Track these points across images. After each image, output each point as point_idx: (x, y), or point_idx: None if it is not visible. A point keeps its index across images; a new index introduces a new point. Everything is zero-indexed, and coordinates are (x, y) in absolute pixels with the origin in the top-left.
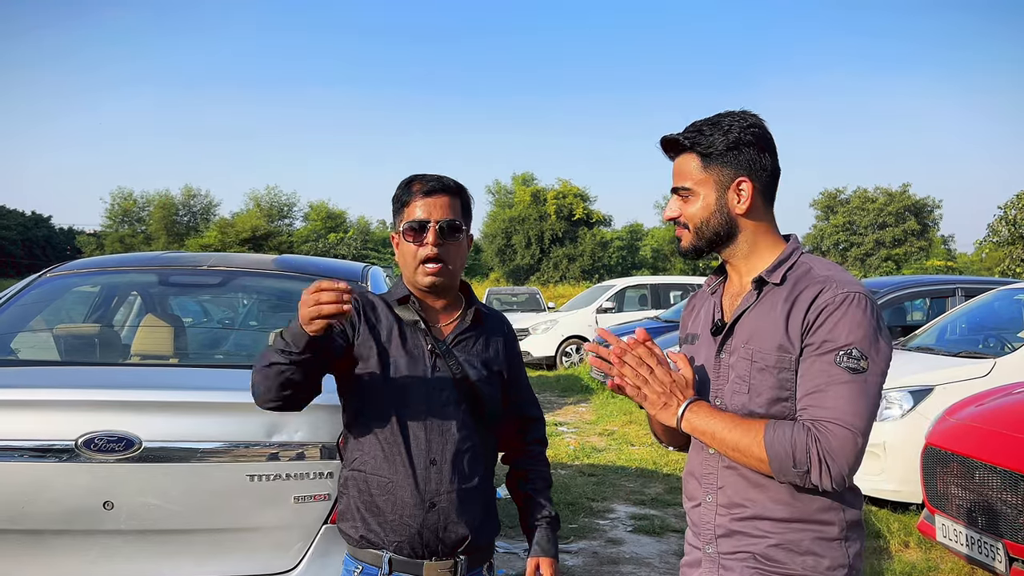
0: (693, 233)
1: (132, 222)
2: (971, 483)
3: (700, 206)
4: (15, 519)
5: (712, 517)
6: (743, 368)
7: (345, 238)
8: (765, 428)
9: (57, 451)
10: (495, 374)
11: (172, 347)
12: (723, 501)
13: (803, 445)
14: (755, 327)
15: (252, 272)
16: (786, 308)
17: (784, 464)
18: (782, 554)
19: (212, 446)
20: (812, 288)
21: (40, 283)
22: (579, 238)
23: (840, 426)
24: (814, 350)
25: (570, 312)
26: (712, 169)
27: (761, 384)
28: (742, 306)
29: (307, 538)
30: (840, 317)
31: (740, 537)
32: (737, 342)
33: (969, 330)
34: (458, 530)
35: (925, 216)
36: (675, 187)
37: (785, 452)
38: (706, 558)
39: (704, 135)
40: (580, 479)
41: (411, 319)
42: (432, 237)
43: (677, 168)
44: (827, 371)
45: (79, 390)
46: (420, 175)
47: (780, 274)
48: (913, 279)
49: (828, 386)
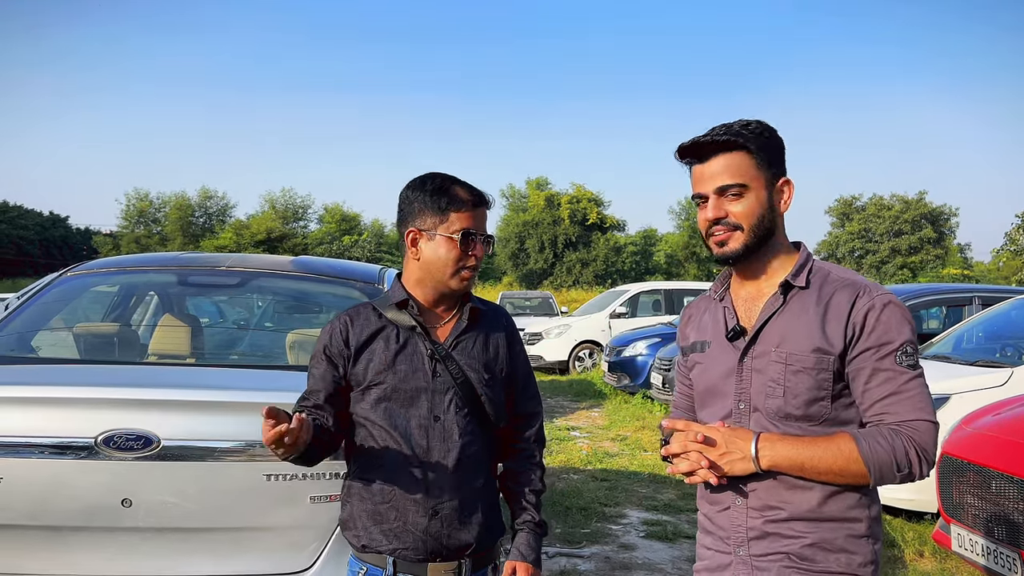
0: (748, 232)
1: (148, 223)
2: (988, 493)
3: (755, 203)
4: (35, 515)
5: (743, 520)
6: (776, 371)
7: (359, 240)
8: (856, 443)
9: (77, 448)
10: (497, 375)
11: (189, 347)
12: (755, 504)
13: (902, 450)
14: (786, 330)
15: (270, 273)
16: (820, 311)
17: (886, 472)
18: (817, 553)
19: (229, 445)
20: (843, 291)
21: (60, 282)
22: (593, 243)
23: (924, 421)
24: (875, 353)
25: (583, 317)
26: (763, 168)
27: (798, 386)
28: (768, 310)
29: (322, 538)
30: (888, 319)
31: (774, 539)
32: (765, 346)
33: (986, 339)
34: (462, 536)
35: (942, 224)
36: (725, 185)
37: (888, 461)
38: (737, 560)
39: (756, 134)
40: (593, 484)
41: (408, 324)
42: (481, 250)
43: (721, 167)
44: (894, 374)
45: (99, 388)
46: (457, 180)
47: (804, 278)
48: (930, 287)
49: (902, 387)
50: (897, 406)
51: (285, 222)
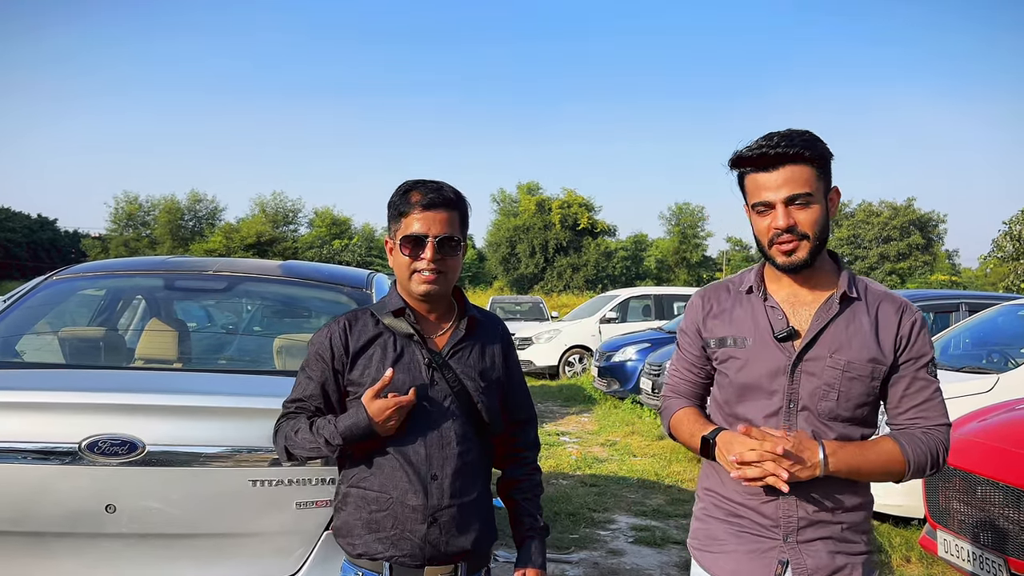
0: (815, 242)
1: (137, 226)
2: (973, 499)
3: (819, 213)
4: (18, 521)
5: (794, 510)
6: (831, 376)
7: (349, 244)
8: (899, 446)
9: (61, 454)
10: (493, 384)
11: (176, 351)
12: (804, 495)
13: (935, 450)
14: (843, 339)
15: (258, 278)
16: (872, 323)
17: (922, 469)
18: (852, 535)
19: (215, 450)
20: (887, 304)
21: (46, 286)
22: (583, 248)
23: (947, 426)
24: (914, 365)
25: (573, 322)
26: (822, 179)
27: (851, 391)
28: (823, 316)
29: (308, 544)
30: (925, 335)
31: (820, 526)
32: (821, 351)
33: (973, 345)
34: (459, 542)
35: (930, 230)
36: (795, 195)
37: (924, 460)
38: (786, 546)
39: (815, 145)
40: (581, 489)
41: (406, 332)
42: (430, 253)
43: (790, 177)
44: (927, 385)
45: (83, 393)
46: (419, 183)
47: (856, 290)
48: (917, 293)
49: (932, 396)
50: (929, 411)
51: (275, 226)
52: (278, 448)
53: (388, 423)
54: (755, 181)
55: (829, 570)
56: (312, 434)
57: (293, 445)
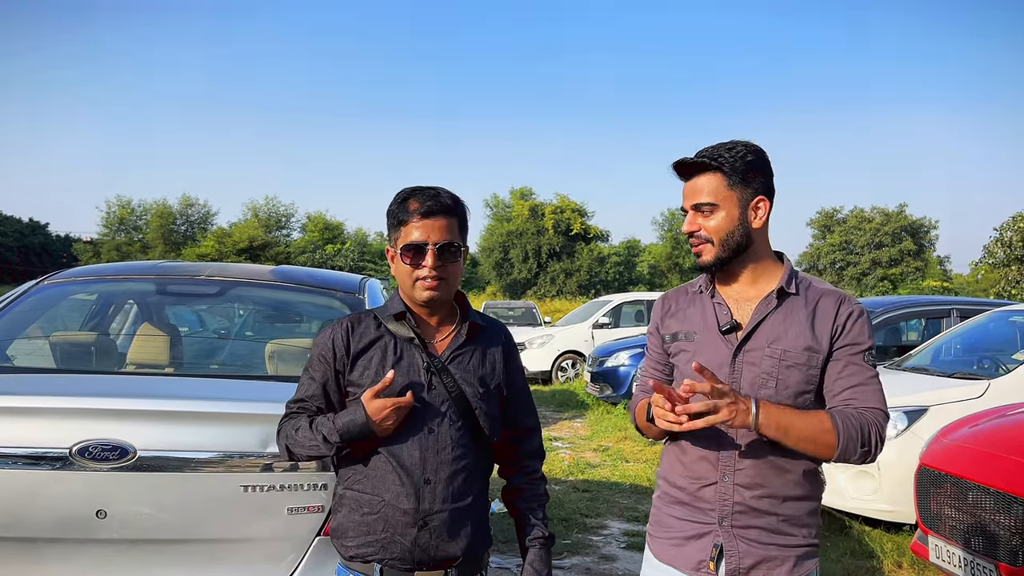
0: (718, 246)
1: (129, 230)
2: (965, 504)
3: (724, 220)
4: (8, 526)
5: (731, 494)
6: (769, 365)
7: (343, 249)
8: (831, 418)
9: (51, 459)
10: (492, 390)
11: (168, 356)
12: (742, 481)
13: (867, 429)
14: (780, 330)
15: (250, 282)
16: (808, 315)
17: (851, 445)
18: (788, 527)
19: (206, 456)
20: (827, 298)
21: (37, 290)
22: (576, 253)
23: (882, 411)
24: (848, 351)
25: (566, 327)
26: (736, 188)
27: (789, 379)
28: (762, 311)
29: (300, 550)
30: (862, 325)
31: (755, 513)
32: (759, 342)
33: (964, 351)
34: (449, 548)
35: (921, 236)
36: (698, 203)
37: (855, 436)
38: (720, 530)
39: (728, 157)
40: (574, 495)
41: (406, 335)
42: (431, 260)
43: (697, 186)
44: (862, 369)
45: (74, 398)
46: (417, 191)
47: (794, 286)
48: (909, 299)
49: (867, 382)
50: (863, 394)
51: (268, 230)
52: (280, 448)
53: (385, 423)
54: (682, 189)
55: (758, 558)
56: (311, 431)
57: (294, 444)
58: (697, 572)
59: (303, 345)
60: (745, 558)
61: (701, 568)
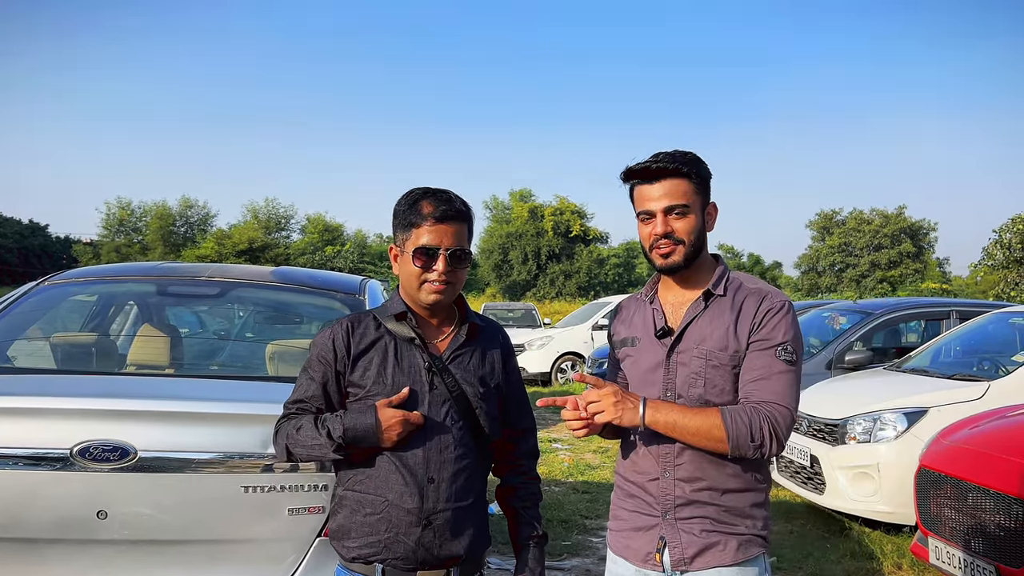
0: (689, 247)
1: (129, 232)
2: (965, 505)
3: (694, 224)
4: (9, 527)
5: (672, 489)
6: (697, 365)
7: (342, 251)
8: (721, 413)
9: (52, 459)
10: (492, 390)
11: (168, 357)
12: (681, 475)
13: (757, 424)
14: (706, 331)
15: (250, 283)
16: (733, 316)
17: (742, 440)
18: (730, 517)
19: (207, 457)
20: (752, 297)
21: (38, 291)
22: (576, 255)
23: (782, 406)
24: (759, 346)
25: (566, 329)
26: (699, 194)
27: (716, 378)
28: (691, 313)
29: (300, 550)
30: (779, 320)
31: (697, 505)
32: (689, 343)
33: (964, 353)
34: (452, 547)
35: (921, 238)
36: (672, 205)
37: (744, 431)
38: (664, 523)
39: (693, 164)
40: (574, 496)
41: (407, 336)
42: (442, 265)
43: (670, 189)
44: (769, 363)
45: (75, 399)
46: (429, 193)
47: (722, 287)
48: (908, 301)
49: (771, 375)
50: (763, 388)
51: (267, 232)
52: (278, 448)
53: (392, 432)
54: (640, 192)
55: (701, 546)
56: (316, 428)
57: (294, 443)
58: (645, 564)
59: (303, 346)
60: (688, 548)
61: (648, 560)
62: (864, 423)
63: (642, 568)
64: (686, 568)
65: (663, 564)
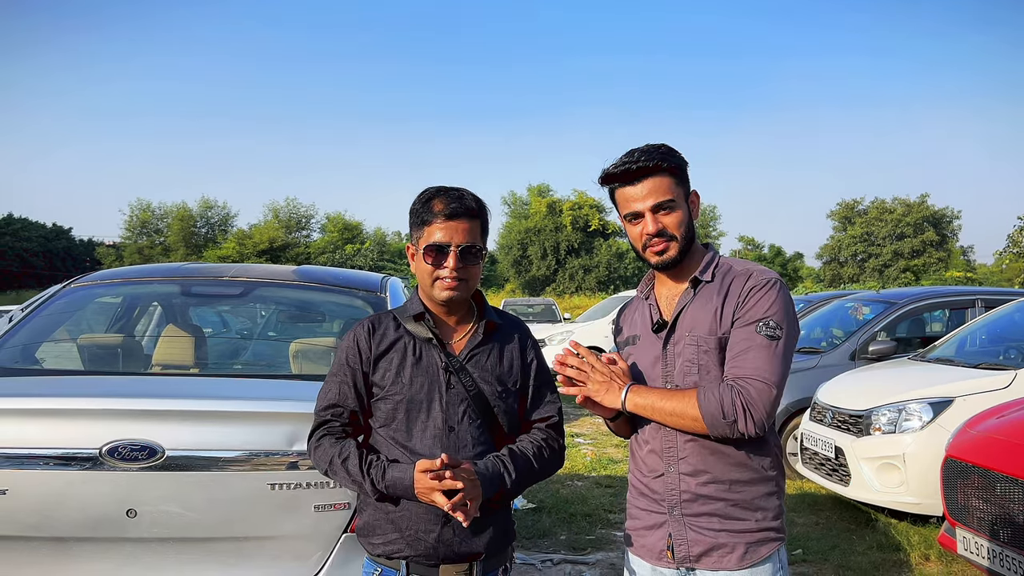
0: (681, 241)
1: (151, 233)
2: (993, 495)
3: (682, 217)
4: (40, 526)
5: (677, 483)
6: (691, 353)
7: (362, 249)
8: (697, 392)
9: (82, 459)
10: (510, 388)
11: (193, 357)
12: (686, 470)
13: (729, 399)
14: (695, 319)
15: (273, 283)
16: (720, 300)
17: (715, 418)
18: (739, 511)
19: (233, 455)
20: (739, 279)
21: (65, 294)
22: (595, 249)
23: (758, 380)
24: (741, 322)
25: (586, 323)
26: (681, 186)
27: (709, 363)
28: (681, 303)
29: (327, 547)
30: (762, 296)
31: (704, 501)
32: (681, 333)
33: (989, 341)
34: (473, 544)
35: (944, 227)
36: (660, 202)
37: (715, 407)
38: (672, 520)
39: (671, 157)
40: (597, 490)
41: (425, 336)
42: (453, 262)
43: (654, 187)
44: (749, 338)
45: (103, 399)
46: (441, 191)
47: (710, 273)
48: (932, 290)
49: (749, 350)
50: (741, 363)
51: (288, 231)
52: (318, 465)
53: (423, 497)
54: (624, 195)
55: (708, 545)
56: (361, 471)
57: (335, 472)
58: (659, 561)
59: (327, 344)
60: (694, 546)
61: (661, 557)
62: (889, 414)
63: (657, 566)
64: (692, 565)
65: (675, 560)
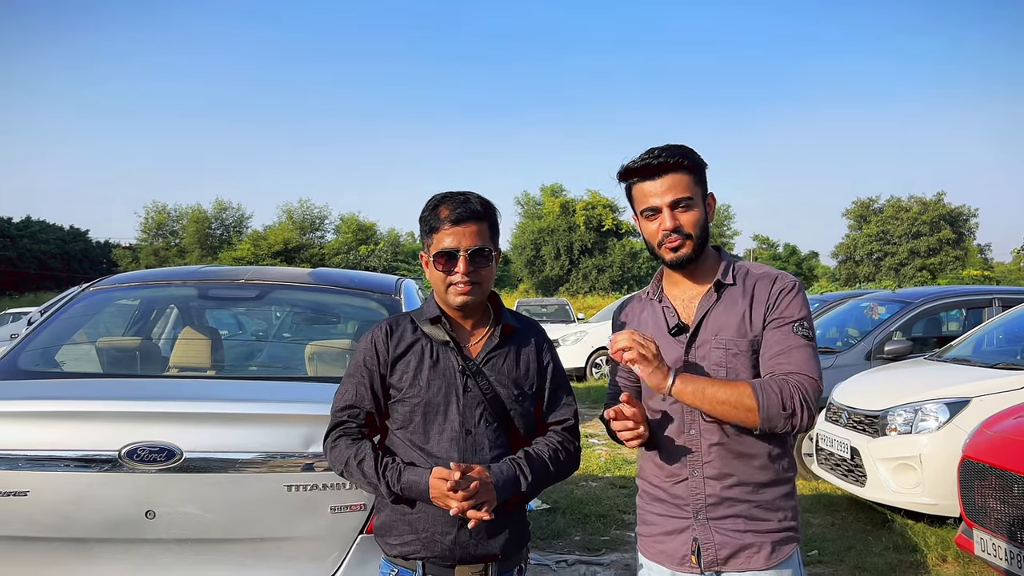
0: (697, 241)
1: (166, 235)
2: (1010, 496)
3: (699, 216)
4: (61, 527)
5: (702, 488)
6: (718, 356)
7: (376, 250)
8: (751, 383)
9: (101, 461)
10: (527, 391)
11: (210, 359)
12: (711, 473)
13: (788, 393)
14: (721, 322)
15: (289, 285)
16: (747, 302)
17: (773, 409)
18: (762, 512)
19: (251, 456)
20: (763, 281)
21: (83, 297)
22: (608, 249)
23: (810, 377)
24: (777, 323)
25: (600, 323)
26: (699, 185)
27: (738, 366)
28: (704, 306)
29: (343, 548)
30: (793, 298)
31: (729, 503)
32: (706, 336)
33: (1007, 341)
34: (489, 546)
35: (960, 225)
36: (677, 199)
37: (775, 399)
38: (697, 524)
39: (692, 156)
40: (611, 491)
41: (442, 339)
42: (463, 266)
43: (673, 184)
44: (788, 338)
45: (122, 402)
46: (447, 197)
47: (731, 276)
48: (949, 289)
49: (791, 349)
50: (787, 361)
51: (302, 233)
52: (334, 466)
53: (437, 502)
54: (642, 190)
55: (735, 547)
56: (377, 474)
57: (351, 474)
58: (681, 567)
59: (342, 346)
60: (722, 549)
61: (684, 563)
62: (905, 414)
63: (679, 571)
64: (720, 568)
65: (700, 566)
